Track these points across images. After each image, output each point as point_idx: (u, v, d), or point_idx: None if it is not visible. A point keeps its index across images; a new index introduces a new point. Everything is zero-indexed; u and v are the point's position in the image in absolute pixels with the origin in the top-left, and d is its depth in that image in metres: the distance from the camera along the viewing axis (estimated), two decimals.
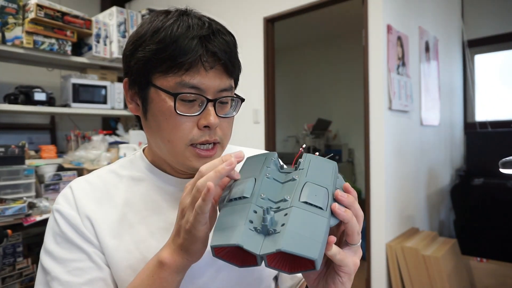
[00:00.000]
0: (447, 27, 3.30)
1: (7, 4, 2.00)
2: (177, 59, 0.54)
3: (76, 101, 2.28)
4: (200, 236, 0.46)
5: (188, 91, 0.56)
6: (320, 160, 0.53)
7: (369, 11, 2.31)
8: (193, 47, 0.54)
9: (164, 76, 0.56)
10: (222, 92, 0.59)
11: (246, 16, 2.93)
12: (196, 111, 0.57)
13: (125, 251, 0.58)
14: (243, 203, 0.46)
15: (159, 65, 0.55)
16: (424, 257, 2.13)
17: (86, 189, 0.62)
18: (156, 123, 0.59)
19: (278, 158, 0.56)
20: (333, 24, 4.22)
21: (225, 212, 0.46)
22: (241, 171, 0.53)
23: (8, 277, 1.79)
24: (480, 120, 3.51)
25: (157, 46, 0.55)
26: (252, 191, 0.47)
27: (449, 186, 3.23)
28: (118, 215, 0.60)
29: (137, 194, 0.63)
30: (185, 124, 0.57)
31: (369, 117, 2.30)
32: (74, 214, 0.59)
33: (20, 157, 1.87)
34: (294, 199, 0.45)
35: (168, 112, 0.56)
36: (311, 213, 0.43)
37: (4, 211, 1.60)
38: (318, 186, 0.47)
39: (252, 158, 0.56)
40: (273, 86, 2.87)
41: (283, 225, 0.42)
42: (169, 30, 0.55)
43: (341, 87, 4.66)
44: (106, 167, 0.68)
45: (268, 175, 0.50)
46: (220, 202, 0.49)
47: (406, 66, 2.52)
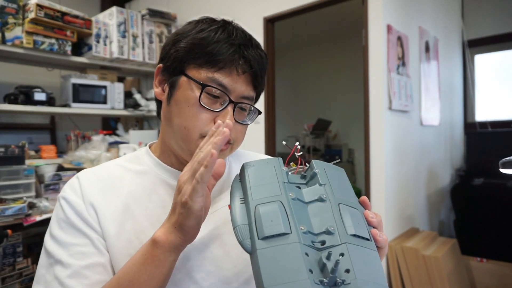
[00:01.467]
0: (447, 27, 3.30)
1: (7, 4, 2.00)
2: (215, 56, 0.59)
3: (76, 101, 2.28)
4: (196, 208, 0.46)
5: (216, 87, 0.59)
6: (333, 169, 0.50)
7: (369, 11, 2.30)
8: (231, 51, 0.59)
9: (198, 69, 0.60)
10: (245, 99, 0.63)
11: (246, 16, 2.93)
12: (217, 108, 0.61)
13: (126, 240, 0.60)
14: (286, 243, 0.38)
15: (197, 57, 0.60)
16: (424, 257, 2.13)
17: (92, 179, 0.65)
18: (178, 108, 0.62)
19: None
20: (333, 24, 4.22)
21: (268, 257, 0.37)
22: (251, 187, 0.46)
23: (8, 277, 1.79)
24: (480, 120, 3.51)
25: (200, 42, 0.60)
26: (289, 223, 0.39)
27: (449, 186, 3.23)
28: (121, 205, 0.62)
29: (141, 186, 0.65)
30: (204, 115, 0.60)
31: (369, 117, 2.30)
32: (79, 202, 0.61)
33: (20, 157, 1.87)
34: (340, 231, 0.40)
35: (192, 101, 0.60)
36: (366, 249, 0.40)
37: (4, 211, 1.60)
38: (352, 209, 0.43)
39: (255, 167, 0.50)
40: (273, 86, 2.86)
41: (348, 272, 0.37)
42: (213, 32, 0.60)
43: (341, 87, 4.66)
44: (113, 161, 0.71)
45: (292, 195, 0.44)
46: (245, 238, 0.41)
47: (406, 66, 2.52)
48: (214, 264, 0.61)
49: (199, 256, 0.61)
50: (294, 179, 0.49)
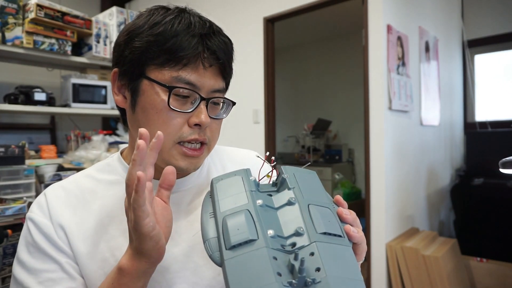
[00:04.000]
0: (447, 27, 3.30)
1: (7, 4, 2.00)
2: (176, 53, 0.53)
3: (76, 101, 2.28)
4: (146, 231, 0.43)
5: (184, 86, 0.55)
6: (303, 173, 0.49)
7: (369, 11, 2.30)
8: (193, 44, 0.54)
9: (160, 69, 0.55)
10: (216, 93, 0.58)
11: (246, 16, 2.93)
12: (189, 108, 0.56)
13: (100, 259, 0.56)
14: (254, 249, 0.37)
15: (156, 57, 0.54)
16: (424, 257, 2.13)
17: (60, 195, 0.60)
18: (145, 116, 0.57)
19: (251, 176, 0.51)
20: (333, 24, 4.22)
21: (235, 267, 0.36)
22: (219, 200, 0.46)
23: (8, 277, 1.79)
24: (480, 120, 3.51)
25: (156, 38, 0.54)
26: (255, 229, 0.39)
27: (449, 186, 3.23)
28: (94, 222, 0.58)
29: (113, 198, 0.61)
30: (176, 120, 0.55)
31: (369, 117, 2.30)
32: (47, 223, 0.57)
33: (20, 157, 1.87)
34: (310, 231, 0.39)
35: (160, 106, 0.55)
36: (337, 246, 0.39)
37: (4, 211, 1.60)
38: (322, 208, 0.43)
39: (223, 180, 0.49)
40: (273, 86, 2.86)
41: (318, 270, 0.36)
42: (170, 25, 0.54)
43: (341, 87, 4.66)
44: (83, 171, 0.66)
45: (260, 202, 0.43)
46: (215, 251, 0.41)
47: (406, 66, 2.52)
48: (196, 273, 0.58)
49: (180, 267, 0.58)
50: (266, 187, 0.48)
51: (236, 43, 0.63)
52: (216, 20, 0.62)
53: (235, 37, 0.63)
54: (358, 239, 0.44)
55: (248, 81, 2.89)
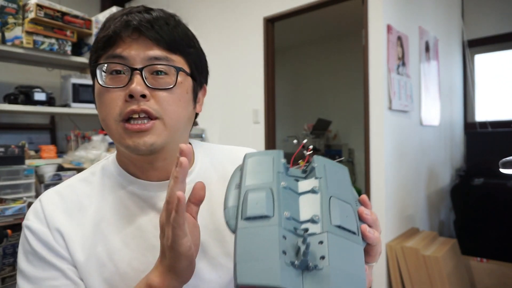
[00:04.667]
0: (447, 27, 3.30)
1: (7, 4, 2.00)
2: (102, 36, 0.56)
3: (76, 101, 2.28)
4: (183, 251, 0.43)
5: (110, 61, 0.55)
6: (334, 166, 0.49)
7: (369, 11, 2.30)
8: (114, 23, 0.56)
9: (100, 59, 0.57)
10: (154, 61, 0.56)
11: (246, 16, 2.93)
12: (124, 83, 0.55)
13: (98, 264, 0.56)
14: (267, 224, 0.38)
15: (95, 50, 0.58)
16: (424, 257, 2.13)
17: (56, 201, 0.59)
18: (97, 107, 0.58)
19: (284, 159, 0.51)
20: (333, 24, 4.22)
21: (246, 236, 0.38)
22: (246, 174, 0.47)
23: (8, 277, 1.79)
24: (480, 120, 3.51)
25: (98, 35, 0.58)
26: (273, 208, 0.40)
27: (449, 186, 3.23)
28: (90, 227, 0.58)
29: (109, 202, 0.60)
30: (111, 97, 0.55)
31: (369, 117, 2.30)
32: (44, 230, 0.56)
33: (20, 157, 1.87)
34: (325, 221, 0.40)
35: (99, 90, 0.57)
36: (348, 241, 0.39)
37: (4, 211, 1.60)
38: (344, 203, 0.43)
39: (255, 157, 0.50)
40: (273, 86, 2.86)
41: (323, 259, 0.37)
42: (107, 18, 0.58)
43: (341, 87, 4.66)
44: (77, 176, 0.65)
45: (284, 184, 0.44)
46: (231, 218, 0.42)
47: (406, 66, 2.52)
48: (197, 277, 0.57)
49: None
50: (295, 173, 0.49)
51: (236, 43, 0.63)
52: (216, 20, 0.62)
53: (235, 37, 0.63)
54: (372, 240, 0.43)
55: (248, 81, 2.89)
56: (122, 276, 0.56)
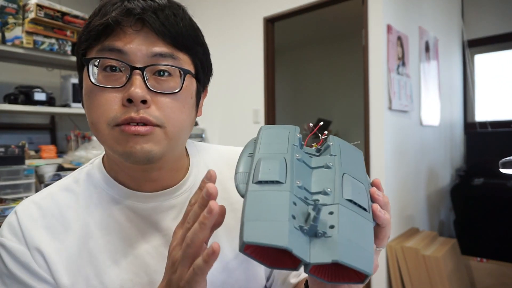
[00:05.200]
0: (447, 27, 3.30)
1: (7, 4, 2.00)
2: (95, 25, 0.47)
3: (76, 101, 2.28)
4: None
5: (106, 56, 0.47)
6: (349, 147, 0.48)
7: (369, 11, 2.30)
8: (112, 10, 0.47)
9: (91, 49, 0.49)
10: (158, 59, 0.48)
11: (246, 16, 2.93)
12: (122, 84, 0.47)
13: (86, 286, 0.50)
14: (278, 189, 0.38)
15: (86, 39, 0.49)
16: (424, 257, 2.13)
17: (35, 215, 0.51)
18: (85, 106, 0.50)
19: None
20: (333, 24, 4.22)
21: (256, 198, 0.37)
22: (261, 143, 0.45)
23: None
24: (480, 120, 3.51)
25: (87, 21, 0.50)
26: (285, 175, 0.40)
27: (449, 186, 3.23)
28: (76, 245, 0.51)
29: (96, 216, 0.53)
30: (105, 98, 0.47)
31: (369, 117, 2.30)
32: (22, 249, 0.49)
33: (20, 157, 1.87)
34: (336, 194, 0.39)
35: (89, 88, 0.48)
36: (358, 215, 0.39)
37: (4, 211, 1.60)
38: (357, 181, 0.42)
39: (272, 129, 0.49)
40: (273, 86, 2.86)
41: (332, 227, 0.36)
42: (101, 2, 0.50)
43: (341, 87, 4.66)
44: (59, 183, 0.57)
45: (298, 156, 0.43)
46: (241, 183, 0.41)
47: (406, 66, 2.52)
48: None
49: None
50: (309, 150, 0.48)
51: (236, 43, 0.62)
52: (216, 20, 0.60)
53: (235, 37, 0.62)
54: (383, 221, 0.41)
55: (248, 81, 2.89)
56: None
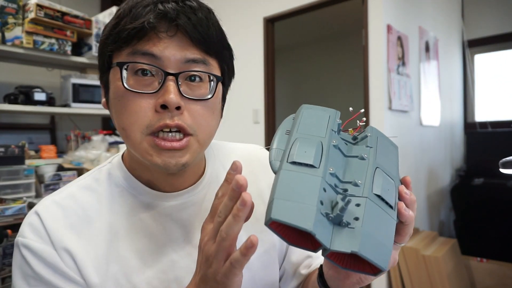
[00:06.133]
0: (447, 27, 3.30)
1: (7, 4, 2.00)
2: (127, 27, 0.46)
3: (76, 101, 2.28)
4: (235, 287, 0.40)
5: (139, 60, 0.46)
6: (386, 140, 0.48)
7: (369, 11, 2.30)
8: (145, 12, 0.46)
9: (120, 52, 0.48)
10: (190, 65, 0.48)
11: (246, 16, 2.93)
12: (155, 89, 0.46)
13: (114, 284, 0.50)
14: (311, 173, 0.39)
15: (114, 41, 0.47)
16: (424, 257, 2.13)
17: (58, 215, 0.50)
18: (113, 109, 0.50)
19: None
20: (333, 24, 4.22)
21: (288, 178, 0.38)
22: (300, 123, 0.45)
23: (8, 277, 1.79)
24: (480, 120, 3.51)
25: (115, 21, 0.48)
26: (320, 160, 0.40)
27: (449, 186, 3.23)
28: (102, 245, 0.51)
29: (121, 214, 0.53)
30: (139, 105, 0.46)
31: (369, 117, 2.30)
32: (49, 250, 0.48)
33: (20, 157, 1.87)
34: (366, 187, 0.40)
35: (120, 92, 0.47)
36: (384, 212, 0.40)
37: (4, 211, 1.60)
38: (388, 177, 0.43)
39: (313, 110, 0.48)
40: (273, 86, 2.86)
41: (357, 220, 0.37)
42: (130, 2, 0.49)
43: (341, 87, 4.66)
44: (78, 183, 0.56)
45: (335, 142, 0.44)
46: (275, 159, 0.42)
47: (406, 66, 2.52)
48: None
49: None
50: (346, 137, 0.48)
51: (236, 43, 0.62)
52: None
53: (235, 37, 0.62)
54: (406, 219, 0.42)
55: (248, 81, 2.88)
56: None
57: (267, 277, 0.60)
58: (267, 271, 0.60)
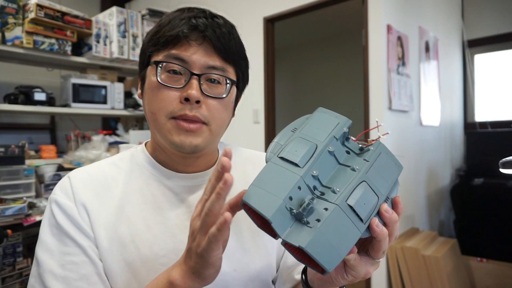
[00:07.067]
0: (447, 27, 3.30)
1: (7, 4, 2.00)
2: (166, 34, 0.58)
3: (76, 101, 2.28)
4: (212, 262, 0.44)
5: (172, 61, 0.58)
6: (390, 158, 0.49)
7: (369, 11, 2.30)
8: (182, 24, 0.58)
9: (158, 53, 0.60)
10: (211, 70, 0.59)
11: (246, 16, 2.93)
12: (181, 85, 0.58)
13: (120, 244, 0.58)
14: (292, 170, 0.43)
15: (155, 44, 0.60)
16: (424, 257, 2.13)
17: (84, 179, 0.62)
18: (146, 98, 0.62)
19: (348, 129, 0.51)
20: (333, 24, 4.22)
21: (271, 170, 0.43)
22: (307, 124, 0.49)
23: (8, 277, 1.79)
24: (480, 120, 3.51)
25: (157, 28, 0.61)
26: (307, 161, 0.44)
27: (449, 186, 3.23)
28: (115, 207, 0.60)
29: (135, 187, 0.63)
30: (167, 95, 0.58)
31: (369, 117, 2.30)
32: (71, 205, 0.58)
33: (20, 157, 1.87)
34: (342, 196, 0.42)
35: (154, 84, 0.59)
36: (350, 222, 0.41)
37: (4, 211, 1.60)
38: (372, 192, 0.44)
39: (326, 114, 0.52)
40: (273, 86, 2.86)
41: (318, 221, 0.40)
42: (170, 15, 0.61)
43: (341, 87, 4.66)
44: (106, 159, 0.68)
45: (331, 148, 0.46)
46: (270, 152, 0.47)
47: (406, 66, 2.52)
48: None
49: None
50: (353, 146, 0.50)
51: None
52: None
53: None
54: (377, 234, 0.44)
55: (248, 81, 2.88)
56: (142, 259, 0.58)
57: (263, 270, 0.65)
58: (263, 265, 0.66)
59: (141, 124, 2.99)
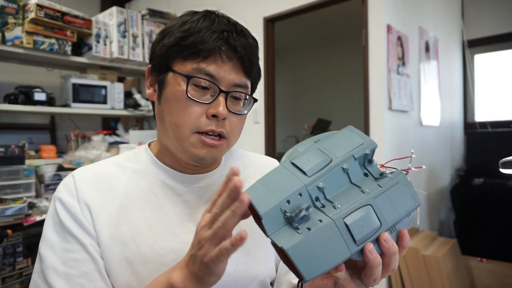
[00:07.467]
0: (447, 27, 3.30)
1: (7, 4, 2.00)
2: (197, 46, 0.57)
3: (76, 101, 2.28)
4: (217, 272, 0.44)
5: (203, 77, 0.58)
6: (406, 190, 0.48)
7: (369, 11, 2.30)
8: (213, 38, 0.57)
9: (183, 62, 0.59)
10: (236, 87, 0.60)
11: (246, 16, 2.93)
12: (208, 100, 0.58)
13: (121, 243, 0.59)
14: (298, 177, 0.44)
15: (181, 51, 0.58)
16: (424, 257, 2.13)
17: (88, 178, 0.62)
18: (167, 106, 0.61)
19: (372, 152, 0.51)
20: (333, 24, 4.22)
21: (279, 172, 0.45)
22: (332, 139, 0.49)
23: (8, 277, 1.79)
24: (480, 120, 3.51)
25: (182, 34, 0.58)
26: (316, 172, 0.44)
27: (449, 186, 3.23)
28: (117, 206, 0.61)
29: (138, 186, 0.63)
30: (194, 110, 0.58)
31: (369, 117, 2.30)
32: (74, 203, 0.59)
33: (20, 157, 1.87)
34: (341, 213, 0.42)
35: (180, 96, 0.58)
36: (342, 240, 0.41)
37: (4, 211, 1.60)
38: (375, 218, 0.43)
39: (352, 133, 0.52)
40: (273, 86, 2.86)
41: (308, 230, 0.40)
42: (195, 23, 0.59)
43: (341, 87, 4.66)
44: (110, 159, 0.68)
45: (345, 166, 0.46)
46: (287, 156, 0.49)
47: (406, 66, 2.52)
48: None
49: None
50: (374, 170, 0.49)
51: None
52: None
53: None
54: (368, 260, 0.43)
55: None
56: (143, 258, 0.58)
57: (263, 270, 0.67)
58: (262, 266, 0.67)
59: (141, 124, 2.99)
